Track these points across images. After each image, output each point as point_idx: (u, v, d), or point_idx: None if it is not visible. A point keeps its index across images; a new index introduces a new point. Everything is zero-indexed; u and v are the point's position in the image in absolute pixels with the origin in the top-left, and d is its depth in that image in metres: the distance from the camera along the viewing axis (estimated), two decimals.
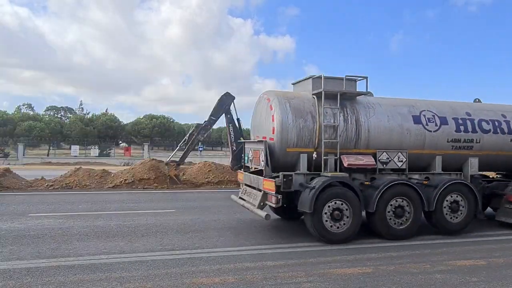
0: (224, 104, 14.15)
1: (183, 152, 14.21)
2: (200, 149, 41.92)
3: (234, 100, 14.32)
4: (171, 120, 64.68)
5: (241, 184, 7.92)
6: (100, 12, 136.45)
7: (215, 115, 14.25)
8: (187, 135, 14.50)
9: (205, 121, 14.36)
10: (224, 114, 14.44)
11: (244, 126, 15.88)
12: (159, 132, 57.05)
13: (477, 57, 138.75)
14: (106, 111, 69.25)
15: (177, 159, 14.09)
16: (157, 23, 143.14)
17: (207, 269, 4.48)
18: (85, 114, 70.58)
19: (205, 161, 16.12)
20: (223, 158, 15.15)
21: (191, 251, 5.23)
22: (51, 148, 44.10)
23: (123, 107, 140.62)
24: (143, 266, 4.54)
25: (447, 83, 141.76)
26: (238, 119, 14.49)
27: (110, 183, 12.71)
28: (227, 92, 14.32)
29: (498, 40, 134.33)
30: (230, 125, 14.31)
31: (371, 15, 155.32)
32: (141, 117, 67.26)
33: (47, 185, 12.39)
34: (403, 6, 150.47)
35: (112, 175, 13.26)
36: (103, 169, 13.80)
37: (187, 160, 15.10)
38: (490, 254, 5.37)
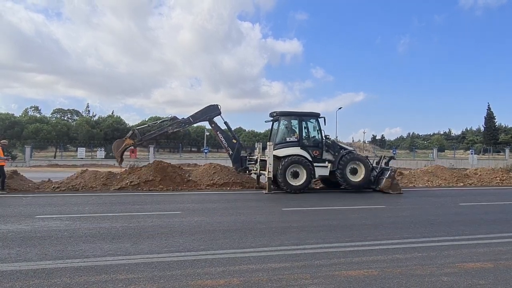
0: (208, 114, 14.36)
1: (150, 132, 14.51)
2: (206, 151, 42.00)
3: (221, 115, 14.54)
4: None
5: None
6: (115, 18, 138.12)
7: (194, 118, 14.55)
8: (160, 120, 14.72)
9: (183, 118, 14.51)
10: (209, 123, 14.62)
11: (251, 127, 16.12)
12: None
13: (484, 59, 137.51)
14: (112, 113, 69.82)
15: (142, 136, 14.26)
16: (168, 29, 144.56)
17: (212, 271, 4.48)
18: (91, 116, 71.14)
19: (211, 163, 16.13)
20: (229, 160, 15.14)
21: (196, 253, 5.24)
22: (57, 150, 44.51)
23: (131, 110, 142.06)
24: (149, 268, 4.55)
25: (454, 85, 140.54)
26: (226, 122, 14.62)
27: (116, 185, 12.78)
28: (216, 105, 14.48)
29: (503, 43, 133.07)
30: (218, 132, 14.46)
31: (379, 20, 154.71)
32: (146, 120, 67.68)
33: (53, 187, 12.49)
34: (411, 11, 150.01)
35: (118, 177, 13.33)
36: (109, 171, 13.88)
37: (192, 161, 15.22)
38: (498, 257, 5.30)
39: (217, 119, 14.61)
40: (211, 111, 14.43)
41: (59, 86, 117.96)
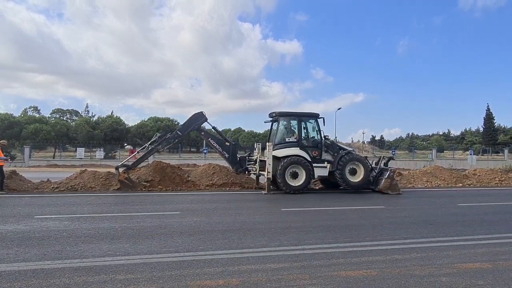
0: (195, 123, 13.91)
1: (138, 158, 13.89)
2: (205, 151, 41.95)
3: (208, 121, 14.09)
4: (176, 123, 64.89)
5: None
6: (116, 19, 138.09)
7: (182, 130, 14.03)
8: (149, 142, 14.07)
9: (169, 134, 14.15)
10: (198, 132, 14.32)
11: (250, 128, 15.94)
12: None
13: (483, 60, 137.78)
14: (111, 113, 69.77)
15: (130, 164, 13.60)
16: (169, 29, 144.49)
17: (211, 271, 4.48)
18: (90, 116, 71.09)
19: (210, 163, 16.12)
20: None
21: (195, 253, 5.24)
22: (57, 150, 44.49)
23: (131, 110, 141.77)
24: (148, 268, 4.55)
25: (453, 86, 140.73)
26: (214, 127, 14.25)
27: (115, 185, 12.77)
28: (201, 112, 14.01)
29: (502, 44, 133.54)
30: (210, 139, 14.16)
31: (378, 21, 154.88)
32: (146, 120, 67.68)
33: (52, 188, 12.48)
34: (410, 13, 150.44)
35: (117, 177, 13.29)
36: (108, 171, 13.87)
37: (191, 162, 15.02)
38: (496, 257, 5.31)
39: (205, 126, 14.30)
40: (197, 120, 13.92)
41: (59, 86, 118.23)
